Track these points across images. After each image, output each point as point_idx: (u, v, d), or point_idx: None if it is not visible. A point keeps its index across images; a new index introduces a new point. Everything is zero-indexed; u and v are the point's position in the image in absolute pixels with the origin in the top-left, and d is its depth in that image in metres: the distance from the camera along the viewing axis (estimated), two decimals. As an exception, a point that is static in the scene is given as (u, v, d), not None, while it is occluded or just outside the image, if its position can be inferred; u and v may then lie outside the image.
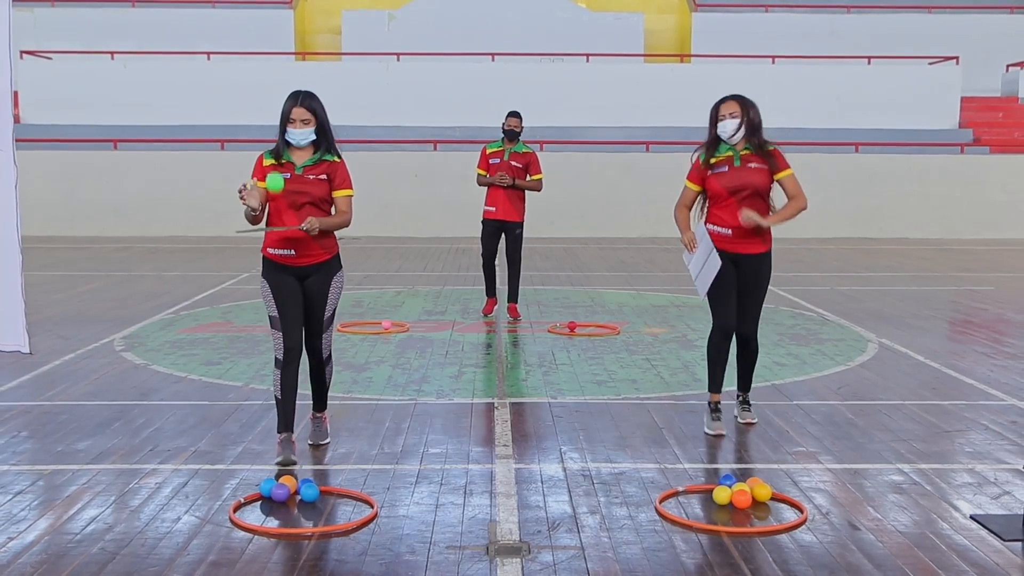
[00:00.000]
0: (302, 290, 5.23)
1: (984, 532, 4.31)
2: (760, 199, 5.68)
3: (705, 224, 5.75)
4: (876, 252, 16.82)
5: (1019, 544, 4.18)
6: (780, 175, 5.70)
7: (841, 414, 6.30)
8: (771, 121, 20.68)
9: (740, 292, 5.79)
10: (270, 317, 5.22)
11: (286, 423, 5.21)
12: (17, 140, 6.21)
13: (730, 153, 5.67)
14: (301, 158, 5.16)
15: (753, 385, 6.84)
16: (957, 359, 7.98)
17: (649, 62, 23.26)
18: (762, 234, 5.69)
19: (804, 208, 5.80)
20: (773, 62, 21.50)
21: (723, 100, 5.74)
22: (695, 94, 20.83)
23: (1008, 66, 23.11)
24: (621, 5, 25.76)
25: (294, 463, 5.15)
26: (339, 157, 5.22)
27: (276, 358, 5.20)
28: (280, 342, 5.17)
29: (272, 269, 5.23)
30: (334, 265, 5.30)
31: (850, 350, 8.29)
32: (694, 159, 5.79)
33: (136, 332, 8.92)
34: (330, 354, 5.45)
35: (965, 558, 4.04)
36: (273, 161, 5.15)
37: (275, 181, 4.92)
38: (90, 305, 10.53)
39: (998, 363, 7.83)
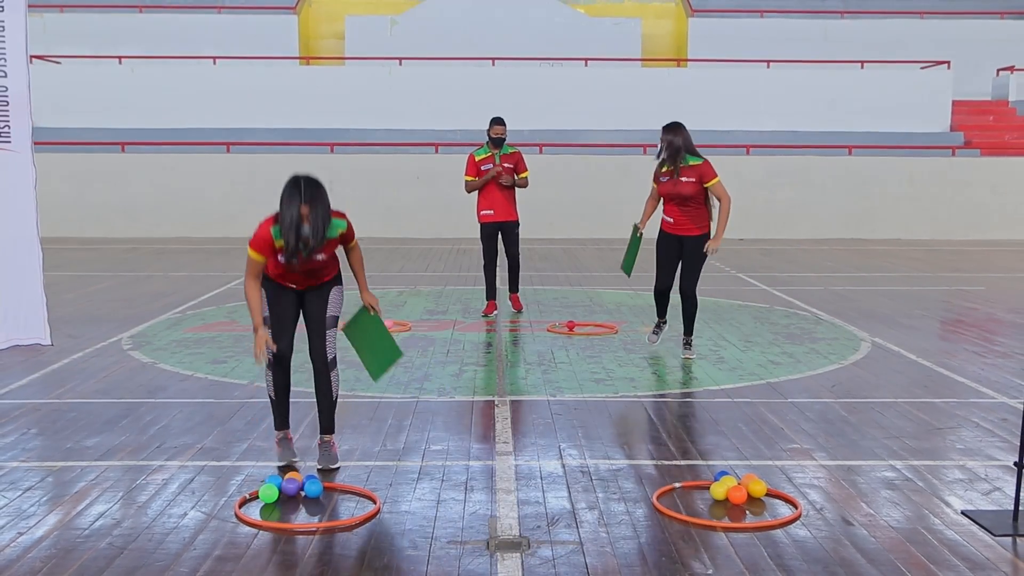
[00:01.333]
0: (300, 300, 5.15)
1: (975, 527, 4.30)
2: (687, 202, 7.52)
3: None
4: (869, 253, 16.81)
5: (1009, 539, 4.18)
6: (708, 184, 7.51)
7: (835, 412, 6.30)
8: (765, 124, 20.68)
9: (682, 261, 7.67)
10: (263, 317, 5.05)
11: (282, 421, 5.24)
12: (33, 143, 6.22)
13: (672, 167, 7.53)
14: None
15: (748, 384, 6.90)
16: (948, 358, 7.98)
17: (646, 66, 23.24)
18: (698, 224, 7.56)
19: (730, 204, 7.55)
20: (768, 66, 21.50)
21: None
22: (692, 98, 20.98)
23: (998, 70, 23.09)
24: (619, 11, 25.75)
25: (295, 461, 5.17)
26: (343, 224, 4.97)
27: (267, 363, 5.13)
28: (271, 344, 5.02)
29: (272, 280, 5.08)
30: (335, 279, 5.19)
31: (843, 349, 8.29)
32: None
33: (144, 331, 8.92)
34: (335, 357, 5.15)
35: (956, 553, 4.04)
36: (284, 243, 4.79)
37: (270, 494, 4.58)
38: (99, 304, 10.52)
39: (988, 361, 7.82)
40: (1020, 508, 4.36)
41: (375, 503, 4.52)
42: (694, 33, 24.20)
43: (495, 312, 9.91)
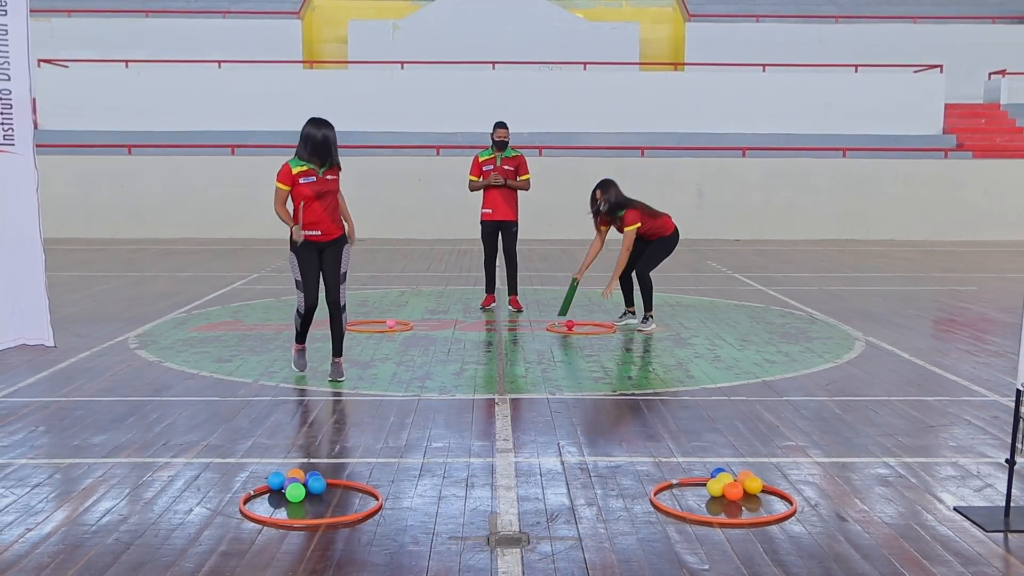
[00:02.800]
0: (320, 260, 6.76)
1: (967, 523, 4.31)
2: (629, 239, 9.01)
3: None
4: (863, 253, 16.81)
5: (1001, 535, 4.18)
6: (628, 228, 8.91)
7: (829, 410, 6.30)
8: (761, 127, 20.71)
9: (634, 255, 9.10)
10: (296, 280, 6.80)
11: (301, 337, 7.04)
12: (35, 145, 6.24)
13: (611, 219, 9.06)
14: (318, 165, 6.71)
15: (744, 382, 6.92)
16: (941, 356, 7.98)
17: (644, 70, 23.24)
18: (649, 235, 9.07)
19: (628, 254, 8.99)
20: (764, 70, 21.50)
21: (595, 188, 9.18)
22: (689, 101, 21.00)
23: (990, 74, 23.10)
24: (617, 15, 25.76)
25: (304, 370, 7.04)
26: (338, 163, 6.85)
27: (298, 310, 6.89)
28: (302, 300, 6.80)
29: (300, 244, 6.66)
30: (343, 239, 6.86)
31: (838, 348, 8.29)
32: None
33: (150, 330, 8.92)
34: (345, 304, 6.90)
35: (949, 548, 4.04)
36: (303, 168, 6.64)
37: (296, 493, 4.59)
38: (105, 304, 10.52)
39: (981, 360, 7.82)
40: (1011, 504, 4.37)
41: (377, 499, 4.52)
42: (691, 37, 24.19)
43: (493, 304, 10.14)
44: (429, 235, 19.00)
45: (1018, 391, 4.35)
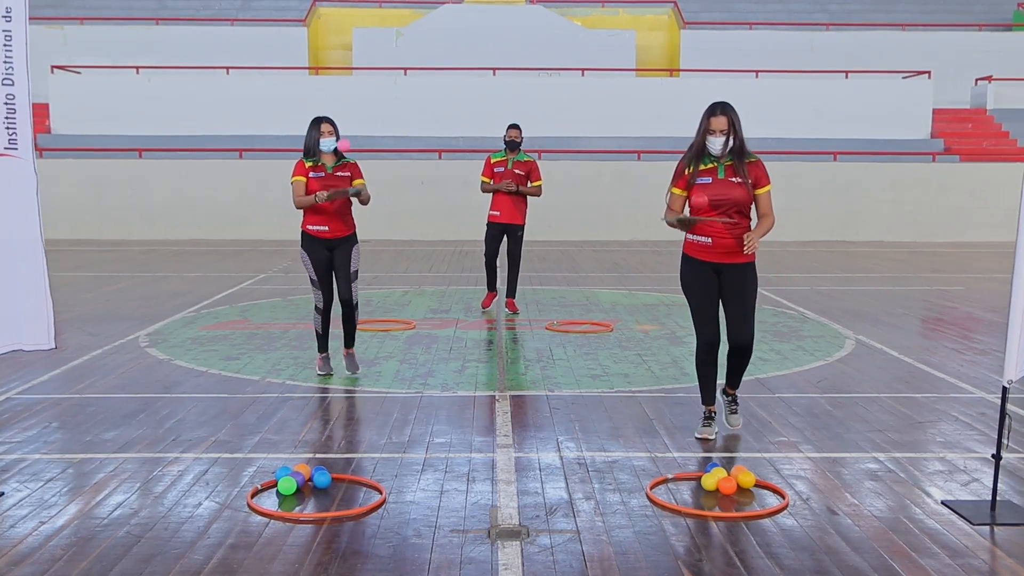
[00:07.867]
0: (331, 258, 6.78)
1: (954, 517, 4.30)
2: (738, 213, 5.22)
3: (686, 234, 5.34)
4: (853, 254, 16.81)
5: (987, 528, 4.18)
6: (761, 190, 5.29)
7: (820, 406, 6.30)
8: (754, 132, 20.77)
9: (726, 301, 5.30)
10: (311, 279, 6.87)
11: (323, 347, 7.03)
12: (48, 150, 6.26)
13: (714, 164, 5.31)
14: (329, 161, 6.76)
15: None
16: (929, 354, 7.98)
17: (640, 76, 23.23)
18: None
19: (772, 227, 5.34)
20: (757, 76, 21.49)
21: (713, 114, 5.38)
22: (684, 106, 20.83)
23: (977, 80, 23.10)
24: (614, 23, 25.75)
25: (331, 374, 7.00)
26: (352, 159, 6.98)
27: (316, 306, 6.93)
28: (320, 296, 6.87)
29: (310, 242, 6.76)
30: (352, 239, 6.88)
31: (829, 346, 8.29)
32: (678, 167, 5.41)
33: (160, 329, 8.92)
34: (357, 302, 6.95)
35: (936, 541, 4.04)
36: (312, 163, 6.71)
37: (287, 486, 4.56)
38: (117, 304, 10.52)
39: (967, 358, 7.82)
40: (997, 498, 4.37)
41: (381, 494, 4.52)
42: (686, 44, 24.19)
43: (493, 304, 10.12)
44: (431, 237, 18.99)
45: (1004, 388, 4.35)
